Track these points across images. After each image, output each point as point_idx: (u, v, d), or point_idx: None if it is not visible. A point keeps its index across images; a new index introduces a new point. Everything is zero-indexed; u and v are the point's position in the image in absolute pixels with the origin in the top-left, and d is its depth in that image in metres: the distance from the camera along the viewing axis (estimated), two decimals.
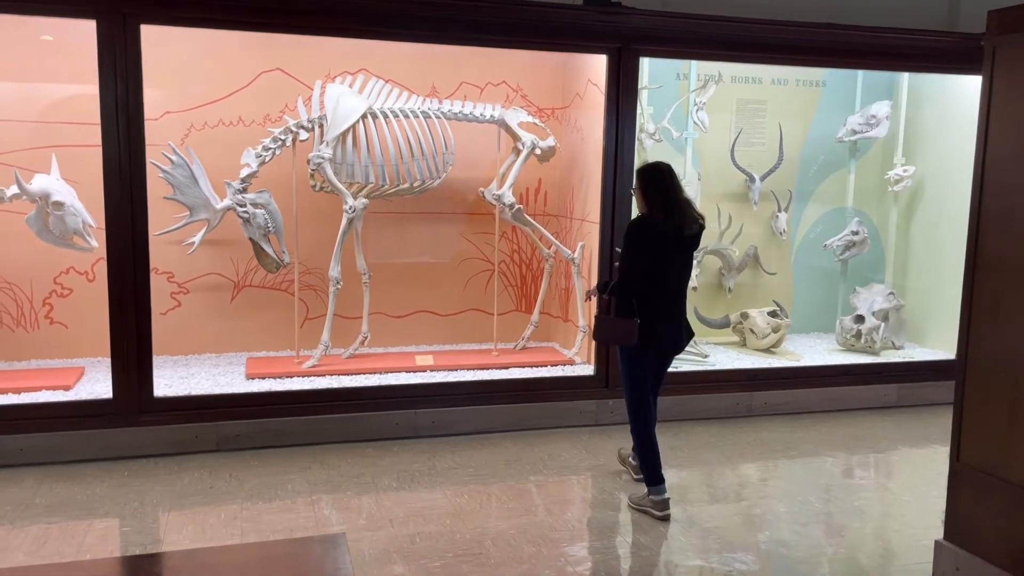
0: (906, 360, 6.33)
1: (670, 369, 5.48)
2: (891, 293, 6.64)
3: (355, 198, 5.49)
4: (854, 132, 6.73)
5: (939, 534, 3.61)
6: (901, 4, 6.07)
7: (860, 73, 6.85)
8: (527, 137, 5.81)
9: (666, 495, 4.08)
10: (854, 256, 6.90)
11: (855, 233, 6.80)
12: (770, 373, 5.92)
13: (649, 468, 4.13)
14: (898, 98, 6.80)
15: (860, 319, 6.49)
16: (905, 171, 6.71)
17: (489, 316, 6.23)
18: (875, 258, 7.06)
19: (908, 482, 4.69)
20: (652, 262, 3.98)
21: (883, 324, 6.45)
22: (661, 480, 4.09)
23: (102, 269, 4.82)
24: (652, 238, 3.97)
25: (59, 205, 4.84)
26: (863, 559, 3.75)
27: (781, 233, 6.82)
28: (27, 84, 5.37)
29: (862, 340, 6.42)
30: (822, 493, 4.47)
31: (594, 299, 4.48)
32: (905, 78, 6.74)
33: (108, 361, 4.73)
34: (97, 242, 4.97)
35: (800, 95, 6.86)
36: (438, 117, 5.67)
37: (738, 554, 3.72)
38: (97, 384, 5.06)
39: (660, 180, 4.03)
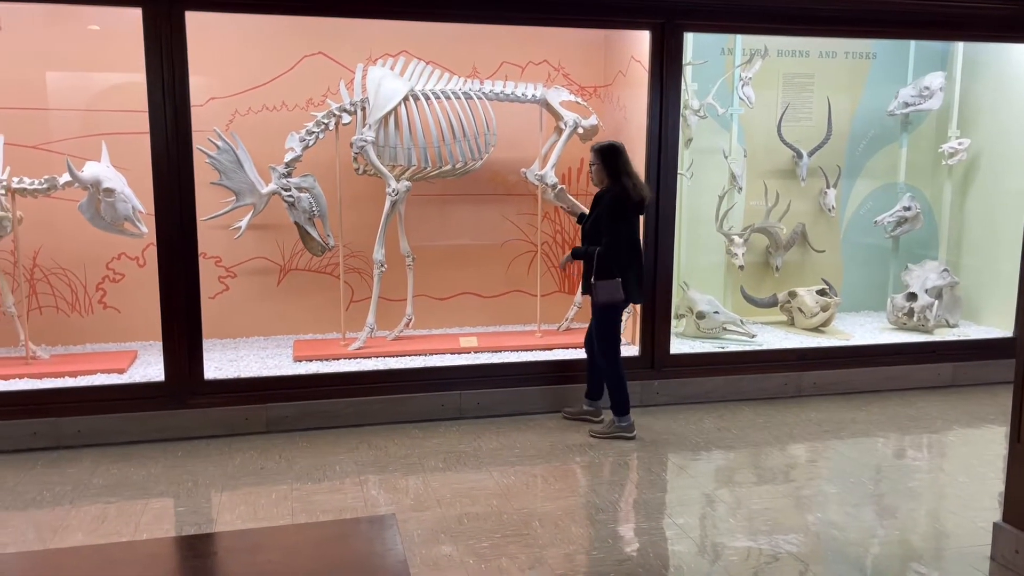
0: (961, 338, 6.18)
1: (717, 350, 5.61)
2: (945, 270, 6.47)
3: (398, 181, 5.50)
4: (906, 105, 6.55)
5: (997, 516, 3.53)
6: None
7: (912, 44, 6.65)
8: (569, 116, 5.76)
9: (632, 421, 4.85)
10: (906, 233, 6.74)
11: (907, 209, 6.64)
12: (819, 353, 5.82)
13: (623, 401, 4.83)
14: (952, 69, 6.59)
15: (912, 297, 6.35)
16: (960, 144, 6.52)
17: (532, 297, 6.21)
18: (928, 234, 6.88)
19: (964, 463, 4.58)
20: (625, 228, 4.66)
21: (936, 302, 6.29)
22: (628, 411, 4.86)
23: (152, 254, 4.91)
24: (627, 208, 4.64)
25: (110, 192, 4.93)
26: (917, 541, 3.68)
27: (830, 210, 6.69)
28: (76, 73, 5.47)
29: (915, 318, 6.28)
30: (874, 474, 4.39)
31: (568, 266, 5.16)
32: (960, 48, 6.53)
33: (160, 344, 4.82)
34: (147, 228, 5.06)
35: (849, 68, 6.69)
36: (479, 98, 5.65)
37: (787, 535, 3.67)
38: (149, 367, 5.16)
39: (624, 157, 4.70)
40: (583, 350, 5.17)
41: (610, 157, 4.68)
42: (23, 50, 5.30)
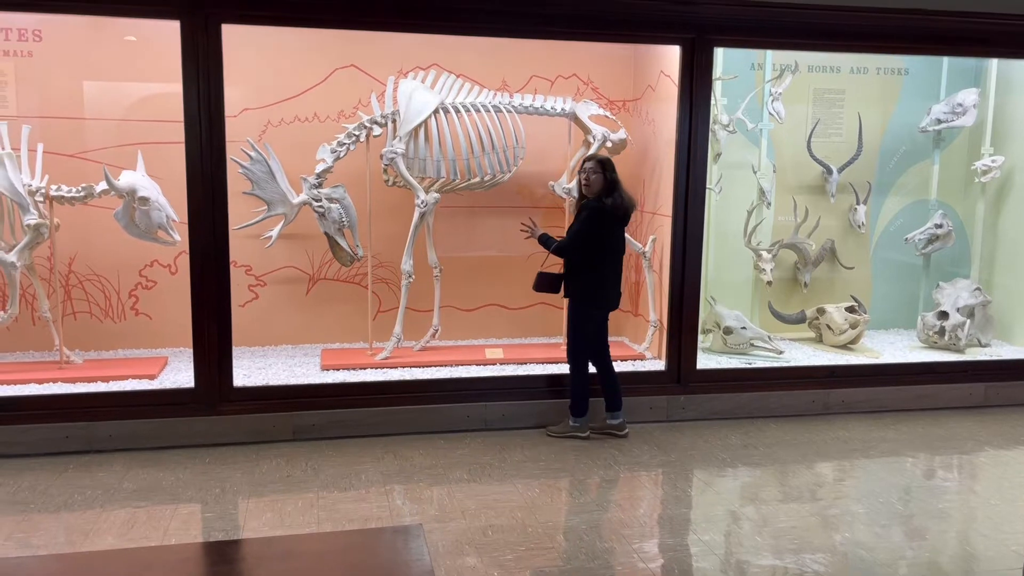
0: (993, 358, 6.09)
1: (744, 366, 5.58)
2: (977, 288, 6.39)
3: (427, 192, 5.54)
4: (939, 121, 6.50)
5: None
6: None
7: (945, 60, 6.59)
8: (598, 130, 5.77)
9: (588, 422, 5.02)
10: (937, 250, 6.67)
11: (939, 226, 6.57)
12: (848, 370, 5.76)
13: (581, 401, 4.99)
14: (986, 85, 6.52)
15: (944, 315, 6.27)
16: (993, 161, 6.45)
17: (559, 310, 6.21)
18: (960, 252, 6.80)
19: (996, 485, 4.51)
20: (607, 238, 4.81)
21: (968, 321, 6.21)
22: (586, 412, 5.00)
23: (184, 262, 4.98)
24: (610, 219, 4.77)
25: (145, 200, 5.02)
26: (947, 564, 3.63)
27: (859, 226, 6.63)
28: (114, 84, 5.57)
29: (946, 337, 6.20)
30: (903, 494, 4.34)
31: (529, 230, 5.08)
32: (994, 64, 6.46)
33: (190, 351, 4.88)
34: (180, 236, 5.14)
35: (881, 83, 6.65)
36: (509, 111, 5.68)
37: (814, 555, 3.63)
38: (180, 374, 5.23)
39: (615, 172, 4.82)
40: (591, 365, 5.05)
41: (610, 169, 4.81)
42: (62, 60, 5.42)
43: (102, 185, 5.04)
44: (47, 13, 5.12)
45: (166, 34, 4.67)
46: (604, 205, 4.74)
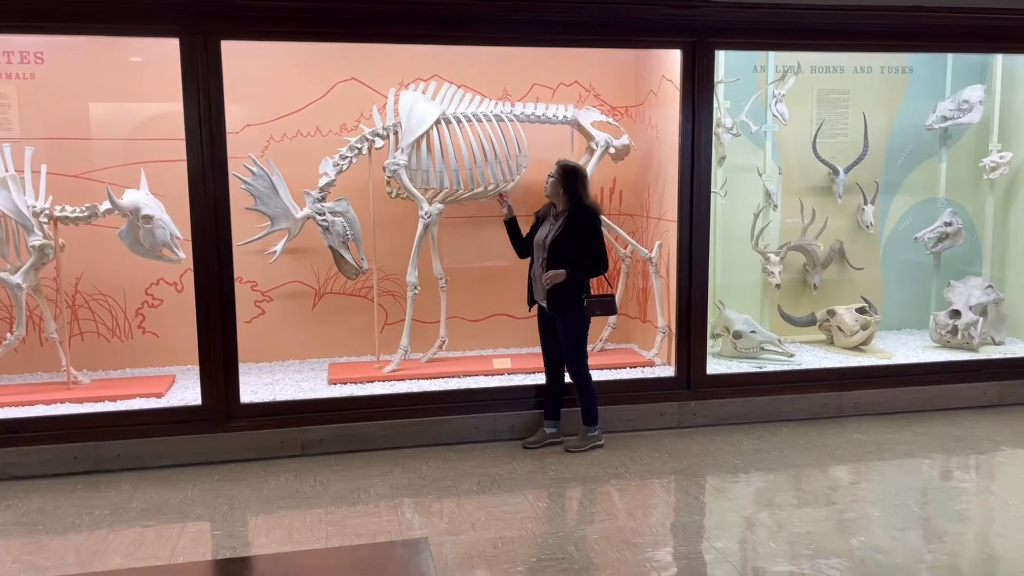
0: (1007, 356, 6.02)
1: (754, 370, 5.54)
2: (989, 286, 6.33)
3: (430, 203, 5.53)
4: (945, 119, 6.45)
5: None
6: None
7: (949, 57, 6.55)
8: (601, 136, 5.75)
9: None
10: (947, 249, 6.61)
11: (948, 224, 6.52)
12: (860, 372, 5.70)
13: (595, 409, 4.95)
14: (992, 81, 6.48)
15: (956, 314, 6.20)
16: (1002, 158, 6.39)
17: None
18: (970, 250, 6.74)
19: (1013, 484, 4.45)
20: None
21: (981, 319, 6.15)
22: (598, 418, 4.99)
23: (190, 279, 4.97)
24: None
25: (148, 219, 5.01)
26: (966, 566, 3.57)
27: (868, 226, 6.58)
28: (116, 104, 5.59)
29: (959, 336, 6.13)
30: (919, 496, 4.28)
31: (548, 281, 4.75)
32: (999, 60, 6.42)
33: (197, 369, 4.87)
34: (184, 253, 5.13)
35: (885, 83, 6.60)
36: (511, 120, 5.67)
37: (830, 560, 3.58)
38: (187, 391, 5.21)
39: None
40: (567, 373, 4.99)
41: (585, 177, 4.84)
42: (65, 82, 5.43)
43: (106, 205, 5.04)
44: (48, 35, 5.14)
45: (167, 53, 4.68)
46: (597, 209, 4.82)
